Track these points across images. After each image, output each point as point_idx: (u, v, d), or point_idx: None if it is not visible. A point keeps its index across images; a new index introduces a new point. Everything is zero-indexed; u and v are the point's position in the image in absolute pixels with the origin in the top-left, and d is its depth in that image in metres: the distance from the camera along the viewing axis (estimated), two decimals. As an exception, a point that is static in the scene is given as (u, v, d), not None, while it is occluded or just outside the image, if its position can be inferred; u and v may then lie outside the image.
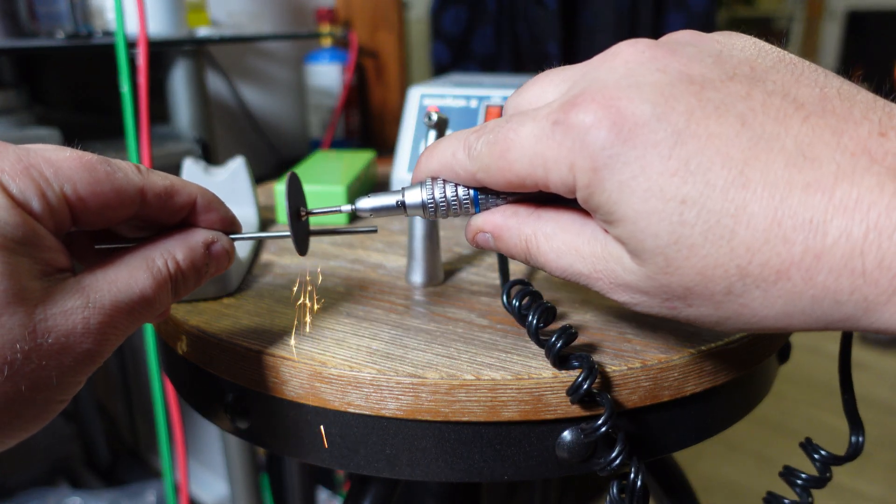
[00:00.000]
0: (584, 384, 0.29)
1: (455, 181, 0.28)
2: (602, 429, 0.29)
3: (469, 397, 0.30)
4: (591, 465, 0.32)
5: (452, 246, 0.48)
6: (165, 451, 0.83)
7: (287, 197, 0.31)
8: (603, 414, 0.29)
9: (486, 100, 0.54)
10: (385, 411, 0.31)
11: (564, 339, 0.30)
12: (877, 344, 1.94)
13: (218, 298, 0.39)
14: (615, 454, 0.29)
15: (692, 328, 0.35)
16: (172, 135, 0.78)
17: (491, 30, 1.21)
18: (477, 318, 0.36)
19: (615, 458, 0.29)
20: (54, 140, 0.66)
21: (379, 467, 0.33)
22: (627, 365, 0.31)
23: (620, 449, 0.29)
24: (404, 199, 0.30)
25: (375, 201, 0.31)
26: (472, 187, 0.29)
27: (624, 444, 0.29)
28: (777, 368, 0.42)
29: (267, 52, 1.10)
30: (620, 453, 0.29)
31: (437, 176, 0.29)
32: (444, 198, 0.29)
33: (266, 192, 0.62)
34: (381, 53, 1.14)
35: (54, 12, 0.77)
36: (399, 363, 0.32)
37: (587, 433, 0.30)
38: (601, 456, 0.31)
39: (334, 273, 0.43)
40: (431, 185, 0.29)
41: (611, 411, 0.29)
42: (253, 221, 0.51)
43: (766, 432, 1.54)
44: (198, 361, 0.36)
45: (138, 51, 0.66)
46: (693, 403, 0.34)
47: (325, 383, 0.32)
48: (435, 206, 0.29)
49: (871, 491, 1.35)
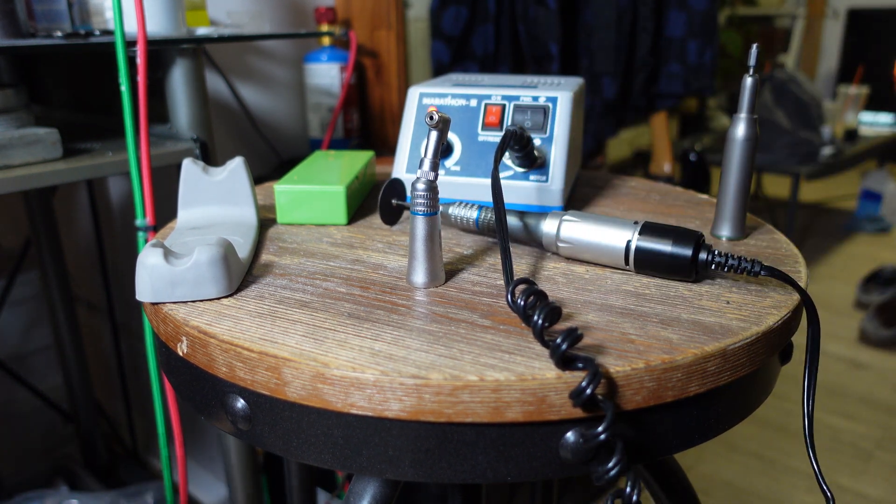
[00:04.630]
0: (588, 388, 0.29)
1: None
2: (602, 436, 0.29)
3: (472, 398, 0.30)
4: (591, 470, 0.32)
5: (453, 246, 0.48)
6: (164, 452, 0.82)
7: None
8: (604, 418, 0.29)
9: (486, 99, 0.54)
10: (388, 412, 0.31)
11: (570, 340, 0.30)
12: (878, 344, 1.94)
13: (218, 298, 0.39)
14: (612, 464, 0.29)
15: (695, 329, 0.35)
16: (171, 134, 0.77)
17: (491, 29, 1.20)
18: (479, 319, 0.36)
19: (611, 469, 0.29)
20: (53, 139, 0.66)
21: (382, 469, 0.33)
22: (631, 365, 0.31)
23: (618, 460, 0.29)
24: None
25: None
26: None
27: (622, 454, 0.29)
28: (779, 369, 0.42)
29: (266, 52, 1.09)
30: (617, 464, 0.29)
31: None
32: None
33: (265, 192, 0.61)
34: (381, 53, 1.14)
35: (53, 11, 0.77)
36: (402, 364, 0.31)
37: (587, 439, 0.30)
38: (600, 463, 0.30)
39: (335, 273, 0.43)
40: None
41: (612, 418, 0.29)
42: (252, 222, 0.51)
43: (768, 433, 1.54)
44: (198, 362, 0.36)
45: (137, 50, 0.66)
46: (696, 404, 0.34)
47: (327, 385, 0.31)
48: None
49: (872, 492, 1.35)
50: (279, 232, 0.51)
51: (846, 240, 2.82)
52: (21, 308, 1.21)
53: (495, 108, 0.54)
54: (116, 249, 1.24)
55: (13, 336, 1.21)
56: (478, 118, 0.54)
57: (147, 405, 1.32)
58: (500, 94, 0.54)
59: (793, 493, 1.34)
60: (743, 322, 0.36)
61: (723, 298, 0.39)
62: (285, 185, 0.52)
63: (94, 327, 1.32)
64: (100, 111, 0.90)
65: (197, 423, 1.22)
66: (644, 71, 1.31)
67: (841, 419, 1.60)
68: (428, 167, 0.39)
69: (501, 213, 0.41)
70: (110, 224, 1.22)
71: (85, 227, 1.24)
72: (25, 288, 1.20)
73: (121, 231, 1.21)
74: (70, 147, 0.71)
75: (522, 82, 0.58)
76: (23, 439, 1.24)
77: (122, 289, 1.26)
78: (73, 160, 0.68)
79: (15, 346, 1.21)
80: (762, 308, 0.37)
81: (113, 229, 1.22)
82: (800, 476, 1.38)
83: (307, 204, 0.52)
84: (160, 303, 0.39)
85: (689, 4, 1.20)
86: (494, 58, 1.23)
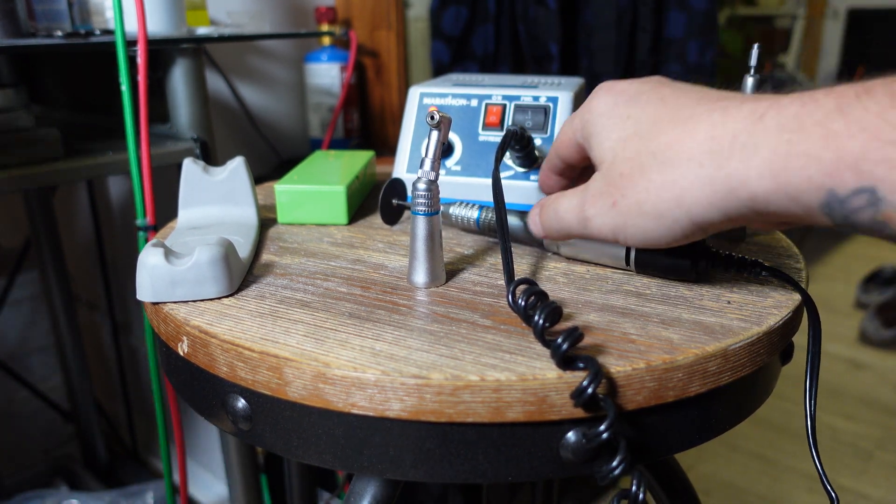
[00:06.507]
0: (589, 388, 0.29)
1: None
2: (604, 435, 0.29)
3: (473, 398, 0.30)
4: (594, 469, 0.32)
5: (454, 246, 0.48)
6: (164, 451, 0.82)
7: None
8: (606, 418, 0.29)
9: (486, 99, 0.54)
10: (389, 412, 0.31)
11: (571, 340, 0.30)
12: (878, 344, 1.94)
13: (218, 298, 0.39)
14: (616, 463, 0.29)
15: (696, 329, 0.35)
16: (172, 134, 0.77)
17: (491, 29, 1.20)
18: (480, 319, 0.36)
19: (615, 468, 0.29)
20: (53, 139, 0.66)
21: (383, 469, 0.33)
22: (632, 365, 0.31)
23: (621, 459, 0.29)
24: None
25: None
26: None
27: (625, 453, 0.29)
28: (780, 369, 0.42)
29: (266, 52, 1.09)
30: (621, 463, 0.29)
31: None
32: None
33: (265, 191, 0.61)
34: (381, 53, 1.14)
35: (53, 11, 0.77)
36: (403, 364, 0.31)
37: (589, 438, 0.30)
38: (602, 463, 0.30)
39: (336, 273, 0.43)
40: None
41: (614, 416, 0.29)
42: (252, 222, 0.51)
43: (768, 433, 1.54)
44: (199, 362, 0.36)
45: (137, 50, 0.66)
46: (697, 404, 0.34)
47: (328, 384, 0.31)
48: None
49: (873, 492, 1.35)
50: (280, 232, 0.51)
51: (846, 240, 2.82)
52: (21, 308, 1.21)
53: (496, 108, 0.54)
54: (116, 249, 1.24)
55: (13, 336, 1.21)
56: (478, 118, 0.54)
57: (147, 405, 1.32)
58: (501, 94, 0.54)
59: (793, 493, 1.34)
60: (744, 322, 0.36)
61: (724, 298, 0.39)
62: (286, 185, 0.52)
63: (94, 327, 1.32)
64: (100, 111, 0.90)
65: (197, 423, 1.22)
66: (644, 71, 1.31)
67: (841, 419, 1.60)
68: (429, 167, 0.39)
69: (502, 213, 0.41)
70: (110, 224, 1.22)
71: (85, 227, 1.24)
72: (25, 288, 1.20)
73: (121, 231, 1.21)
74: (70, 147, 0.71)
75: (523, 82, 0.58)
76: (23, 439, 1.24)
77: (122, 289, 1.26)
78: (73, 160, 0.67)
79: (15, 346, 1.21)
80: (763, 308, 0.37)
81: (113, 229, 1.22)
82: (800, 476, 1.38)
83: (308, 204, 0.52)
84: (160, 303, 0.39)
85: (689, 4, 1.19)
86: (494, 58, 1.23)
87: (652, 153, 0.33)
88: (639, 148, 0.34)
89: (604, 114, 0.37)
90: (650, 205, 0.33)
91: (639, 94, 0.36)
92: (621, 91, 0.37)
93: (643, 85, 0.37)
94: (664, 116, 0.34)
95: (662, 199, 0.32)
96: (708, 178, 0.30)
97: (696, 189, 0.31)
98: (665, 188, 0.32)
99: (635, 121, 0.35)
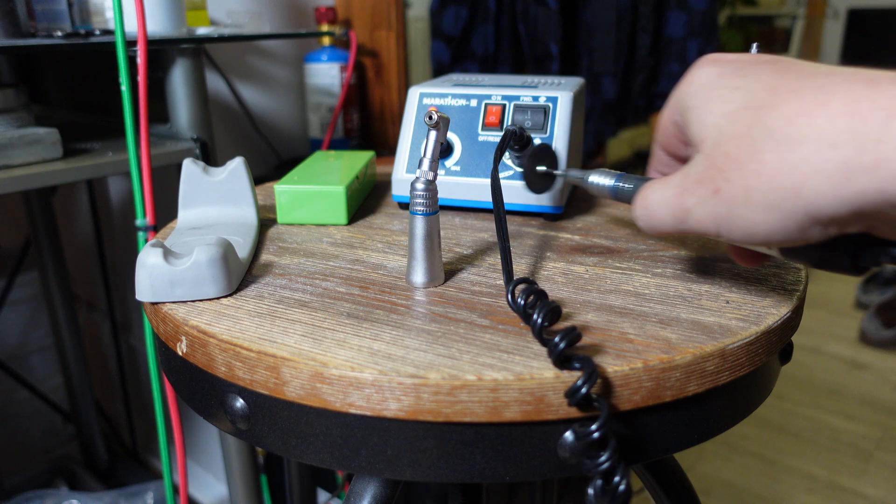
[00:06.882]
0: (583, 388, 0.29)
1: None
2: (595, 434, 0.29)
3: (471, 398, 0.30)
4: (582, 464, 0.32)
5: (453, 246, 0.48)
6: (164, 452, 0.82)
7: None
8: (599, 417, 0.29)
9: (486, 99, 0.54)
10: (387, 412, 0.31)
11: (568, 340, 0.30)
12: (878, 344, 1.94)
13: (217, 298, 0.39)
14: (603, 458, 0.29)
15: (694, 328, 0.35)
16: (171, 134, 0.78)
17: (491, 29, 1.20)
18: (478, 319, 0.36)
19: (602, 463, 0.29)
20: (53, 139, 0.66)
21: (380, 468, 0.33)
22: (629, 365, 0.31)
23: (609, 455, 0.29)
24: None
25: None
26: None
27: (613, 450, 0.29)
28: (779, 369, 0.42)
29: (266, 52, 1.09)
30: (609, 458, 0.29)
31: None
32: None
33: (265, 192, 0.61)
34: (381, 53, 1.14)
35: (53, 11, 0.77)
36: (401, 364, 0.31)
37: (580, 437, 0.30)
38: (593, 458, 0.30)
39: (334, 273, 0.43)
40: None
41: (606, 416, 0.29)
42: (252, 222, 0.51)
43: (768, 433, 1.54)
44: (197, 362, 0.36)
45: (137, 50, 0.66)
46: (695, 404, 0.34)
47: (326, 384, 0.31)
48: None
49: (873, 492, 1.35)
50: (279, 232, 0.51)
51: (846, 240, 2.82)
52: (21, 308, 1.21)
53: (495, 108, 0.54)
54: (116, 249, 1.24)
55: (13, 336, 1.21)
56: (478, 118, 0.54)
57: (147, 405, 1.32)
58: (501, 94, 0.54)
59: (793, 493, 1.34)
60: (742, 322, 0.36)
61: (722, 298, 0.39)
62: (285, 185, 0.52)
63: (94, 327, 1.33)
64: (100, 111, 0.91)
65: (197, 424, 1.22)
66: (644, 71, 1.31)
67: (841, 419, 1.60)
68: (427, 167, 0.39)
69: (501, 213, 0.41)
70: (110, 224, 1.22)
71: (85, 227, 1.24)
72: (25, 288, 1.20)
73: (121, 231, 1.21)
74: (70, 147, 0.71)
75: (522, 82, 0.58)
76: (23, 439, 1.24)
77: (121, 289, 1.26)
78: (73, 160, 0.68)
79: (15, 345, 1.21)
80: (761, 308, 0.37)
81: (113, 229, 1.22)
82: (800, 476, 1.38)
83: (307, 204, 0.52)
84: (160, 302, 0.39)
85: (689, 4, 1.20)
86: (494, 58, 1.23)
87: (768, 129, 0.27)
88: (750, 122, 0.28)
89: (706, 84, 0.31)
90: (761, 194, 0.27)
91: (751, 63, 0.30)
92: (729, 61, 0.31)
93: (755, 56, 0.32)
94: (784, 85, 0.28)
95: (776, 188, 0.26)
96: (842, 164, 0.24)
97: (822, 177, 0.25)
98: (781, 174, 0.26)
99: (746, 91, 0.29)
